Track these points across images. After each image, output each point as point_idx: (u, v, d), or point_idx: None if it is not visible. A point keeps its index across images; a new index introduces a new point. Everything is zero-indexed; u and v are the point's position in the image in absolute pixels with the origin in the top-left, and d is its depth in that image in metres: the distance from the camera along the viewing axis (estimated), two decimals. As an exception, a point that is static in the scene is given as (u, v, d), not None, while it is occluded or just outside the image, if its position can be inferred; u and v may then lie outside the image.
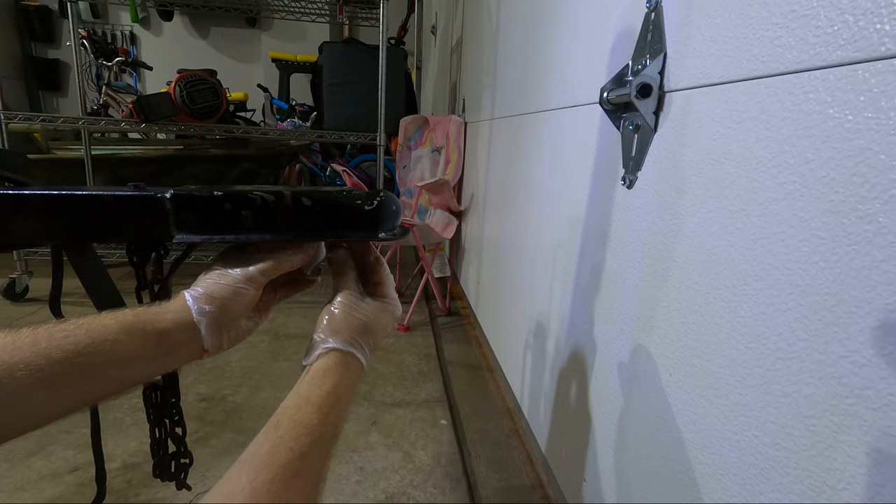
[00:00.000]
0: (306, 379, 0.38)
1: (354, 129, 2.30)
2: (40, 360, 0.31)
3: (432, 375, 1.58)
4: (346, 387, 0.38)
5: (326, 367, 0.38)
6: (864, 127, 0.36)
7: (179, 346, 0.38)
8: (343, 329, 0.41)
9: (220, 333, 0.40)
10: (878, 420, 0.35)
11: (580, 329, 0.87)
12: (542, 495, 1.05)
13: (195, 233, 0.43)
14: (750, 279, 0.47)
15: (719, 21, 0.52)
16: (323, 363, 0.39)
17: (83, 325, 0.34)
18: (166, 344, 0.37)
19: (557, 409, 0.99)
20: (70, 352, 0.32)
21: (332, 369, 0.38)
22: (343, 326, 0.41)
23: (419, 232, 1.96)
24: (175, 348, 0.38)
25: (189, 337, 0.38)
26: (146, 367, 0.37)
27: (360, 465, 1.13)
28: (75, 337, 0.33)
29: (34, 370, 0.30)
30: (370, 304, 0.45)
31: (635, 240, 0.69)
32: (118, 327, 0.35)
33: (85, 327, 0.34)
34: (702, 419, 0.54)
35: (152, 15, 4.33)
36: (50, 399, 0.32)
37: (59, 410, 0.33)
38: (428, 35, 3.86)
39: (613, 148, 0.75)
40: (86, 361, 0.33)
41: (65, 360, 0.32)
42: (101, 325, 0.34)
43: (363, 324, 0.43)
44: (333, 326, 0.41)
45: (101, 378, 0.34)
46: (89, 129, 2.35)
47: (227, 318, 0.40)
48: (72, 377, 0.32)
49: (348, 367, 0.39)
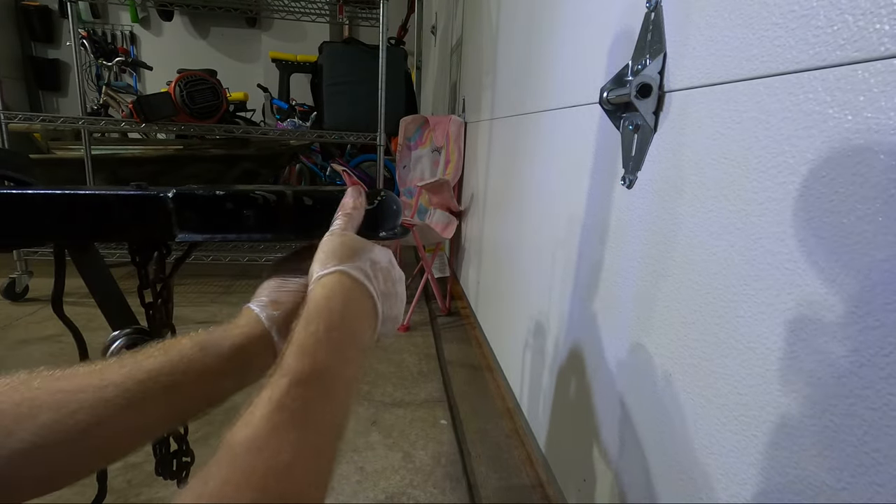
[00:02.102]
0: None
1: (354, 129, 2.30)
2: (127, 381, 0.33)
3: (432, 375, 1.58)
4: (349, 300, 0.35)
5: (317, 294, 0.35)
6: (864, 127, 0.36)
7: (254, 357, 0.38)
8: (329, 256, 0.38)
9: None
10: (878, 420, 0.35)
11: (580, 329, 0.87)
12: (542, 495, 1.05)
13: (197, 232, 0.43)
14: (750, 279, 0.47)
15: (719, 21, 0.52)
16: (317, 292, 0.35)
17: (161, 347, 0.36)
18: (241, 357, 0.38)
19: (557, 409, 0.99)
20: (153, 371, 0.34)
21: (326, 292, 0.35)
22: (328, 254, 0.38)
23: (419, 232, 1.96)
24: (250, 359, 0.38)
25: (262, 347, 0.39)
26: (225, 382, 0.37)
27: (360, 465, 1.13)
28: (155, 358, 0.35)
29: (123, 390, 0.32)
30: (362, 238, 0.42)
31: (635, 240, 0.69)
32: (192, 345, 0.36)
33: (163, 349, 0.36)
34: (701, 419, 0.54)
35: (152, 15, 4.33)
36: (140, 418, 0.33)
37: (149, 430, 0.35)
38: (428, 35, 3.86)
39: (613, 148, 0.75)
40: (169, 380, 0.34)
41: (148, 379, 0.33)
42: (177, 344, 0.36)
43: (352, 248, 0.39)
44: (320, 258, 0.38)
45: (184, 395, 0.35)
46: (89, 129, 2.35)
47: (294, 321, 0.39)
48: (158, 395, 0.34)
49: (346, 286, 0.36)
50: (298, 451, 0.26)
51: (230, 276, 2.51)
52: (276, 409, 0.28)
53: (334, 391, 0.30)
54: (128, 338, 0.47)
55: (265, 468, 0.25)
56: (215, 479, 0.24)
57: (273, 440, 0.26)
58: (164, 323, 0.49)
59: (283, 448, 0.26)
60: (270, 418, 0.27)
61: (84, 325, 0.47)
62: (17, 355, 1.60)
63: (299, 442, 0.27)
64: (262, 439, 0.26)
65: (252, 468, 0.25)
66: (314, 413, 0.29)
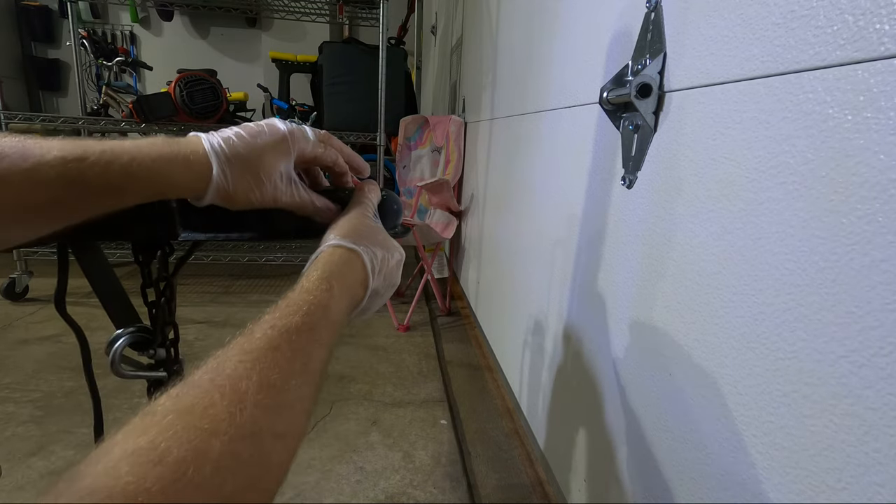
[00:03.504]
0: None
1: (354, 129, 2.30)
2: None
3: (432, 375, 1.58)
4: (341, 276, 0.35)
5: (319, 259, 0.36)
6: (864, 127, 0.36)
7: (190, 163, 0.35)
8: (347, 230, 0.39)
9: (235, 168, 0.37)
10: (878, 420, 0.35)
11: (579, 329, 0.87)
12: (542, 494, 1.05)
13: (200, 231, 0.43)
14: (749, 279, 0.47)
15: (719, 21, 0.53)
16: (320, 257, 0.36)
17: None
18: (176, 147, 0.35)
19: (557, 409, 0.99)
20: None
21: (325, 259, 0.36)
22: (347, 227, 0.39)
23: (419, 232, 1.96)
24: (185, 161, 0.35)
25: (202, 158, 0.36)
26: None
27: (360, 465, 1.13)
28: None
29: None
30: (380, 225, 0.43)
31: (634, 239, 0.69)
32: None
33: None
34: (701, 419, 0.54)
35: (152, 15, 4.32)
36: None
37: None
38: (428, 35, 3.86)
39: (612, 148, 0.75)
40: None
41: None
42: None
43: (371, 229, 0.41)
44: (336, 228, 0.39)
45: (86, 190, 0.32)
46: (89, 129, 2.35)
47: (248, 153, 0.37)
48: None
49: (347, 262, 0.37)
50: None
51: (230, 276, 2.51)
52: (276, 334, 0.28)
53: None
54: (131, 336, 0.47)
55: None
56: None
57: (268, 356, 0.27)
58: (167, 321, 0.49)
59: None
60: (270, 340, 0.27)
61: (85, 324, 0.48)
62: (17, 355, 1.60)
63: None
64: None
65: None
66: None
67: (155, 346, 0.49)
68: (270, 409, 0.25)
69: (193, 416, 0.22)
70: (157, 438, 0.20)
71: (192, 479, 0.20)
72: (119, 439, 0.21)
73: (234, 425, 0.23)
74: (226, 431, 0.22)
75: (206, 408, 0.23)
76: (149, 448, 0.20)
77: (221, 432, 0.22)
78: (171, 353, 0.50)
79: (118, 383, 0.60)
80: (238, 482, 0.22)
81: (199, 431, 0.21)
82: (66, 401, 1.34)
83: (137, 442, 0.20)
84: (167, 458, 0.20)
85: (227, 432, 0.22)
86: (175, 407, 0.22)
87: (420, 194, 2.20)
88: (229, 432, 0.22)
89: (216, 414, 0.22)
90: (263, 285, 2.43)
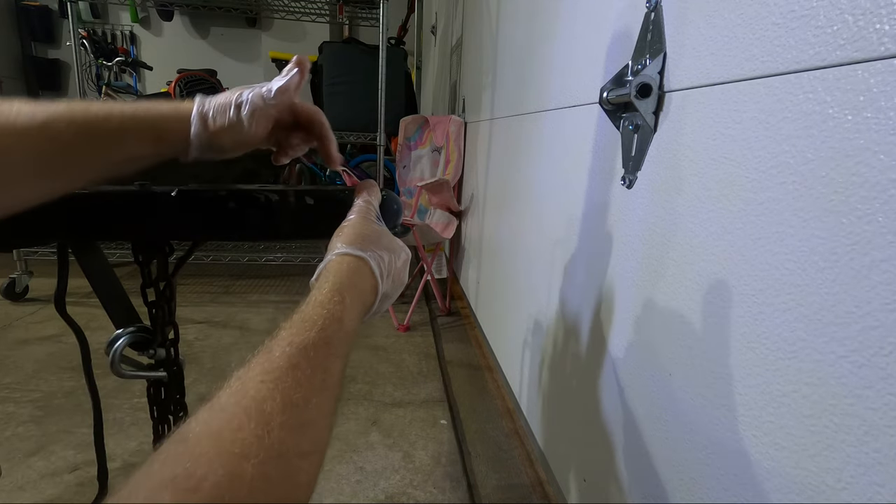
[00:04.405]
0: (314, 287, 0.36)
1: (354, 129, 2.30)
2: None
3: (432, 375, 1.58)
4: (351, 285, 0.35)
5: (329, 270, 0.36)
6: (864, 127, 0.36)
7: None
8: (352, 237, 0.40)
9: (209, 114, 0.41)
10: (878, 420, 0.35)
11: (579, 328, 0.87)
12: (542, 494, 1.05)
13: (200, 231, 0.43)
14: (749, 279, 0.47)
15: (719, 21, 0.53)
16: (329, 267, 0.37)
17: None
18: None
19: (556, 409, 0.99)
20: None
21: (334, 269, 0.36)
22: (352, 234, 0.40)
23: (419, 232, 1.96)
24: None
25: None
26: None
27: (360, 465, 1.13)
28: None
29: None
30: (384, 227, 0.44)
31: (634, 240, 0.69)
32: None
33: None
34: (701, 419, 0.54)
35: (152, 15, 4.32)
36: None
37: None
38: (428, 35, 3.86)
39: (612, 148, 0.75)
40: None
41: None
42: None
43: (375, 232, 0.41)
44: (342, 236, 0.40)
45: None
46: (89, 129, 2.34)
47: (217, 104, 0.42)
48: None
49: (356, 270, 0.37)
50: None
51: (230, 276, 2.51)
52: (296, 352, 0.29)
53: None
54: (131, 336, 0.47)
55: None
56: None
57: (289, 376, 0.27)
58: (167, 321, 0.50)
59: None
60: (290, 359, 0.28)
61: (84, 324, 0.48)
62: (17, 355, 1.60)
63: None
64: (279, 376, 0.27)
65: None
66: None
67: (155, 346, 0.49)
68: (295, 429, 0.25)
69: (223, 440, 0.23)
70: (192, 466, 0.21)
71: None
72: (156, 469, 0.21)
73: (263, 448, 0.23)
74: (256, 454, 0.23)
75: (235, 431, 0.23)
76: (185, 476, 0.20)
77: (252, 455, 0.22)
78: (171, 352, 0.50)
79: (118, 383, 0.60)
80: (270, 503, 0.23)
81: (230, 456, 0.22)
82: (66, 401, 1.34)
83: (174, 470, 0.21)
84: (204, 486, 0.20)
85: (258, 455, 0.23)
86: (206, 432, 0.23)
87: (420, 194, 2.20)
88: (259, 455, 0.23)
89: (245, 438, 0.23)
90: (263, 285, 2.43)
